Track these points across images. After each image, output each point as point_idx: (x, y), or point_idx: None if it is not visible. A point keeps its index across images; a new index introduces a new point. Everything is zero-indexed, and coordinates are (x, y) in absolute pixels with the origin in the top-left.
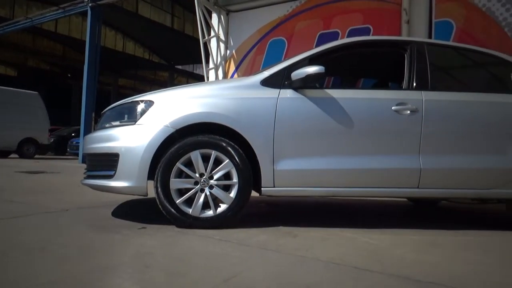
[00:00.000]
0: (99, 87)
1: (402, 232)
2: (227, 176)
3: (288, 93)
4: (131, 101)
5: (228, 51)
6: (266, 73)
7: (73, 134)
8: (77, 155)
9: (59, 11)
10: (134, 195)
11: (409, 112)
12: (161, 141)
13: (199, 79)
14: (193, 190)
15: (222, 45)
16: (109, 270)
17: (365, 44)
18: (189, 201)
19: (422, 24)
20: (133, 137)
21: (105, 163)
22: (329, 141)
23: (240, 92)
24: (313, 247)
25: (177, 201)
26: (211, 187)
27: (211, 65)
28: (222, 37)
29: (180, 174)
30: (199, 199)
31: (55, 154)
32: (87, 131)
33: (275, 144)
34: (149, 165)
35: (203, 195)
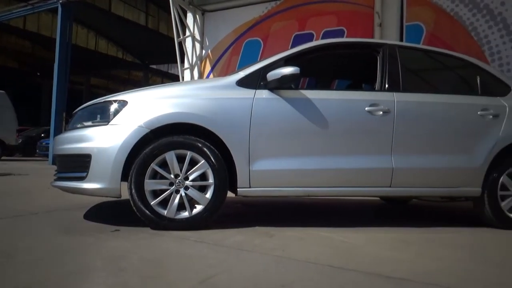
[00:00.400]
0: (70, 86)
1: (376, 230)
2: (202, 177)
3: (263, 94)
4: (104, 101)
5: (203, 51)
6: (242, 74)
7: (42, 135)
8: (46, 156)
9: (28, 7)
10: (107, 197)
11: (381, 113)
12: (135, 142)
13: (174, 79)
14: (168, 191)
15: (197, 45)
16: (81, 275)
17: (339, 46)
18: (164, 203)
19: (394, 27)
20: (106, 137)
21: (76, 164)
22: (304, 142)
23: (216, 93)
24: (289, 246)
25: (151, 203)
26: (186, 188)
27: (186, 65)
28: (197, 36)
29: (155, 175)
30: (174, 200)
31: (23, 155)
32: (58, 132)
33: (251, 144)
34: (122, 166)
35: (178, 196)
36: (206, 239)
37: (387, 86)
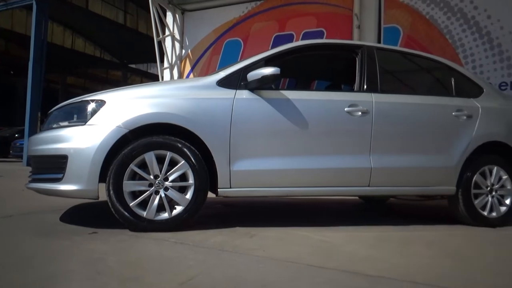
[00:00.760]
0: (45, 85)
1: (354, 229)
2: (183, 178)
3: (244, 94)
4: (81, 100)
5: (183, 51)
6: (222, 74)
7: (16, 135)
8: (21, 157)
9: (1, 3)
10: (85, 198)
11: (360, 113)
12: (113, 142)
13: (153, 78)
14: (147, 192)
15: (177, 45)
16: (57, 279)
17: (319, 47)
18: (143, 204)
19: (372, 29)
20: (84, 138)
21: (52, 165)
22: (285, 142)
23: (196, 93)
24: (269, 246)
25: (130, 204)
26: (166, 189)
27: (166, 64)
28: (177, 36)
29: (134, 176)
30: (153, 201)
31: None
32: (32, 132)
33: (232, 144)
34: (100, 167)
35: (157, 197)
36: (186, 240)
37: (365, 87)
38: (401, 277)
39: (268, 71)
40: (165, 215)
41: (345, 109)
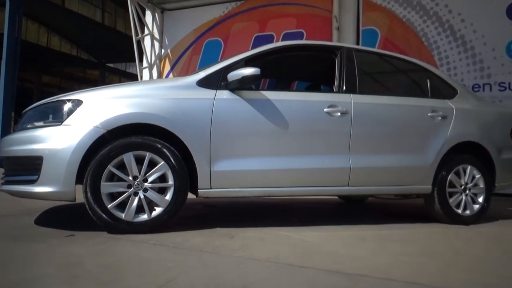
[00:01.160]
0: (19, 84)
1: (334, 229)
2: (162, 179)
3: (224, 94)
4: (56, 100)
5: (163, 50)
6: (202, 74)
7: None
8: None
9: None
10: (61, 200)
11: (339, 114)
12: (90, 143)
13: (132, 78)
14: (126, 193)
15: (156, 44)
16: (32, 283)
17: (299, 48)
18: (122, 206)
19: (351, 31)
20: (60, 138)
21: (26, 167)
22: (265, 142)
23: (176, 93)
24: (250, 247)
25: (108, 206)
26: (145, 190)
27: (145, 64)
28: (156, 35)
29: (112, 178)
30: (132, 203)
31: None
32: (5, 132)
33: (212, 145)
34: (77, 168)
35: (136, 198)
36: (166, 241)
37: (344, 88)
38: (380, 274)
39: (249, 71)
40: (144, 216)
41: (325, 109)
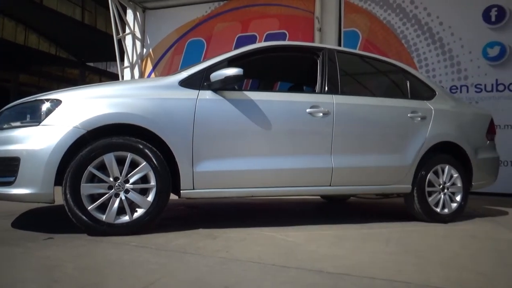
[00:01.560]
0: None
1: (316, 228)
2: (144, 180)
3: (207, 95)
4: (34, 99)
5: (144, 50)
6: (184, 74)
7: None
8: None
9: None
10: (39, 202)
11: (321, 114)
12: (70, 143)
13: (113, 77)
14: (107, 195)
15: (138, 43)
16: None
17: (282, 49)
18: (102, 207)
19: (333, 32)
20: (38, 139)
21: (3, 168)
22: (248, 142)
23: (158, 93)
24: (232, 247)
25: (89, 208)
26: (126, 191)
27: (126, 63)
28: (138, 34)
29: (93, 179)
30: (113, 204)
31: None
32: None
33: (194, 145)
34: (56, 169)
35: (118, 200)
36: (148, 243)
37: (326, 88)
38: (361, 273)
39: (232, 71)
40: (125, 218)
41: (307, 110)
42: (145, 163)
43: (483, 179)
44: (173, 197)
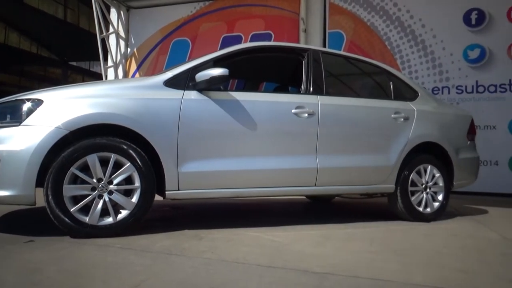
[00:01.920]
0: None
1: (302, 228)
2: (128, 181)
3: (192, 95)
4: (15, 99)
5: (128, 49)
6: (169, 74)
7: None
8: None
9: None
10: (20, 204)
11: (307, 115)
12: (52, 144)
13: (97, 77)
14: (90, 196)
15: (122, 43)
16: None
17: (267, 49)
18: (85, 209)
19: (318, 34)
20: (18, 139)
21: None
22: (233, 143)
23: (142, 93)
24: (218, 248)
25: (71, 210)
26: (110, 192)
27: (110, 63)
28: (122, 33)
29: (75, 180)
30: (96, 206)
31: None
32: None
33: (179, 146)
34: (37, 170)
35: (101, 201)
36: (133, 245)
37: (311, 89)
38: (346, 272)
39: (217, 72)
40: (109, 219)
41: (292, 110)
42: (129, 163)
43: (464, 178)
44: (158, 198)
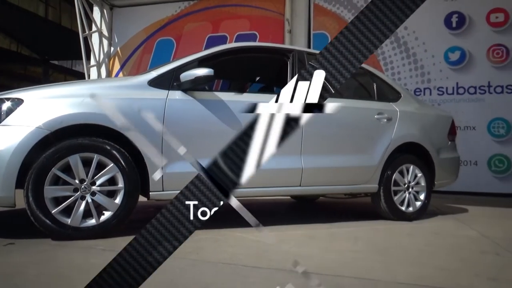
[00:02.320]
0: None
1: (287, 228)
2: (111, 181)
3: (177, 95)
4: None
5: (112, 48)
6: (154, 73)
7: None
8: None
9: None
10: None
11: None
12: (32, 144)
13: (79, 76)
14: (72, 198)
15: (105, 41)
16: None
17: (252, 50)
18: (67, 210)
19: (302, 34)
20: None
21: None
22: (218, 143)
23: (126, 92)
24: (204, 249)
25: (53, 211)
26: (93, 193)
27: (92, 62)
28: (105, 32)
29: (57, 181)
30: (79, 207)
31: None
32: None
33: (164, 146)
34: (17, 171)
35: (84, 202)
36: (116, 247)
37: None
38: (331, 271)
39: (202, 72)
40: (92, 221)
41: None
42: (112, 164)
43: (445, 178)
44: (142, 199)
